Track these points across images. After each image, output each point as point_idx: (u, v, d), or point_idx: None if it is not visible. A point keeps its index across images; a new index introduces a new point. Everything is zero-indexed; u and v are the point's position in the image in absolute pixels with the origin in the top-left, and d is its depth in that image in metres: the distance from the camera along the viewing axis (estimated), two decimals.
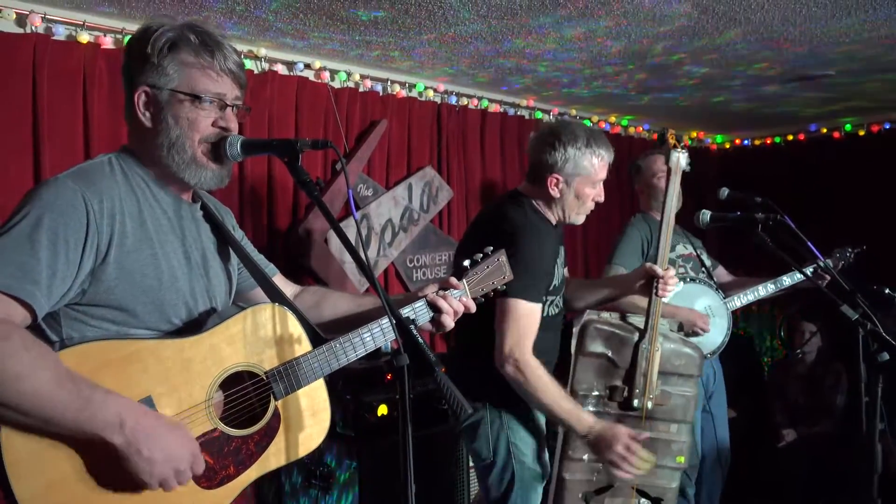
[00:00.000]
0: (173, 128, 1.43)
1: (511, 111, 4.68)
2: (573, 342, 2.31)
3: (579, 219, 2.36)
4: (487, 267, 1.75)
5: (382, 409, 3.11)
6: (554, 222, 2.35)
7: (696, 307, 3.10)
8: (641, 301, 2.45)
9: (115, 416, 1.25)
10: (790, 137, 5.94)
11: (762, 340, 6.09)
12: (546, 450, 2.34)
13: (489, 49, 3.57)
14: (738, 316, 6.10)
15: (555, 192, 2.28)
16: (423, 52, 3.62)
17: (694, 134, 6.24)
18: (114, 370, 1.32)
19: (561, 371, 2.34)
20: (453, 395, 1.40)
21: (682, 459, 2.40)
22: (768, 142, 6.08)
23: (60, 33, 2.82)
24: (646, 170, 3.37)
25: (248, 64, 3.38)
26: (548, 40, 3.43)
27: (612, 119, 5.47)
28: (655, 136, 5.76)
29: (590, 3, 2.92)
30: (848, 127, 5.58)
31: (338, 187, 3.62)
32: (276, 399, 1.47)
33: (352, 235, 3.49)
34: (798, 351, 4.52)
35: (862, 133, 5.51)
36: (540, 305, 2.19)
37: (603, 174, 2.31)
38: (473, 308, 1.69)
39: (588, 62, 3.85)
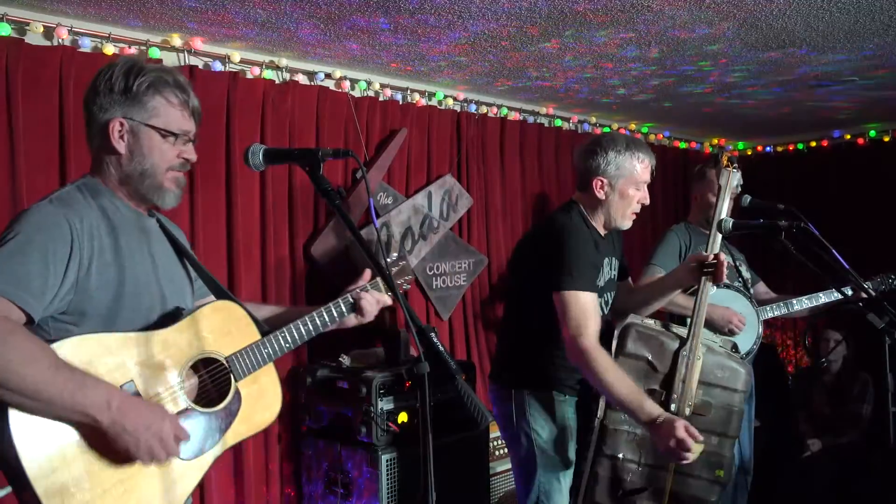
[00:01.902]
0: (147, 157, 1.61)
1: (530, 119, 4.69)
2: (614, 343, 2.35)
3: (625, 222, 2.47)
4: (394, 270, 2.09)
5: (403, 417, 3.11)
6: (602, 231, 2.47)
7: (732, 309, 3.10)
8: (688, 302, 2.52)
9: (104, 398, 1.43)
10: (813, 144, 5.87)
11: (785, 348, 6.01)
12: (573, 441, 2.40)
13: (509, 57, 3.57)
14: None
15: (600, 195, 2.42)
16: (443, 61, 3.64)
17: (715, 141, 6.20)
18: (100, 360, 1.50)
19: None
20: (473, 403, 1.39)
21: (721, 473, 2.37)
22: (791, 149, 6.02)
23: (86, 45, 2.87)
24: (711, 180, 3.22)
25: (270, 74, 3.42)
26: (568, 48, 3.43)
27: (633, 126, 5.46)
28: (677, 142, 5.74)
29: (610, 11, 2.92)
30: (873, 133, 5.51)
31: (358, 195, 3.64)
32: (236, 381, 1.69)
33: (372, 243, 3.51)
34: (823, 360, 4.45)
35: (887, 139, 5.44)
36: (595, 294, 2.31)
37: (646, 176, 2.46)
38: (388, 300, 1.96)
39: (608, 70, 3.84)
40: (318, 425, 3.31)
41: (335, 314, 1.89)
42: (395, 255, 2.11)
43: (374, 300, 1.94)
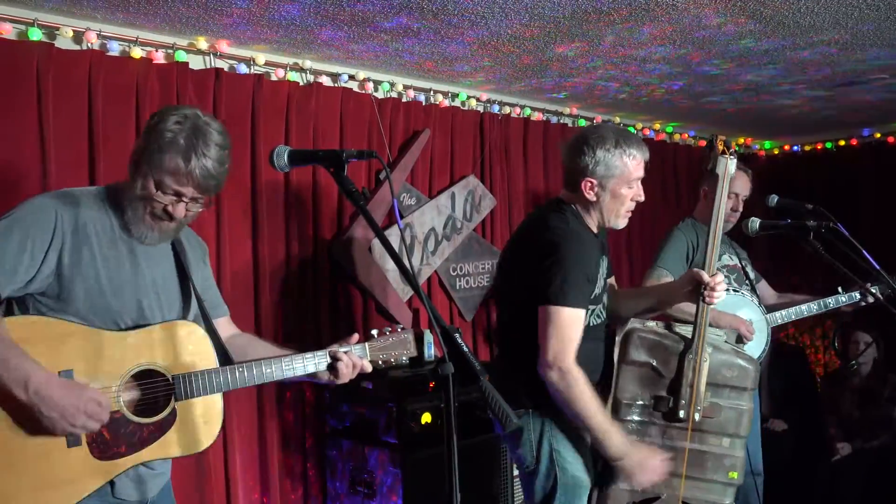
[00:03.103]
0: (136, 188, 1.72)
1: (554, 119, 4.67)
2: (616, 350, 2.28)
3: (620, 222, 2.33)
4: (391, 339, 1.99)
5: (426, 418, 3.12)
6: (595, 230, 2.34)
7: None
8: (690, 308, 2.41)
9: (23, 376, 1.53)
10: (842, 143, 5.78)
11: (814, 351, 5.93)
12: (591, 457, 2.31)
13: (532, 58, 3.57)
14: (789, 324, 5.96)
15: (591, 196, 2.27)
16: (466, 62, 3.64)
17: (741, 140, 6.13)
18: (48, 342, 1.62)
19: (606, 383, 2.31)
20: (498, 405, 1.39)
21: (734, 475, 2.33)
22: (819, 147, 5.94)
23: (114, 49, 2.92)
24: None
25: (294, 76, 3.44)
26: (592, 47, 3.41)
27: (657, 126, 5.41)
28: (703, 142, 5.69)
29: (634, 11, 2.90)
30: None
31: (382, 196, 3.65)
32: (176, 399, 1.73)
33: (395, 244, 3.52)
34: (853, 362, 4.38)
35: None
36: (584, 312, 2.18)
37: (639, 173, 2.28)
38: (369, 368, 1.93)
39: (632, 69, 3.82)
40: (342, 425, 3.33)
41: (306, 366, 1.86)
42: (401, 326, 2.04)
43: (352, 364, 1.89)
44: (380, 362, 1.98)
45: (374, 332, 1.99)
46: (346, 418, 3.30)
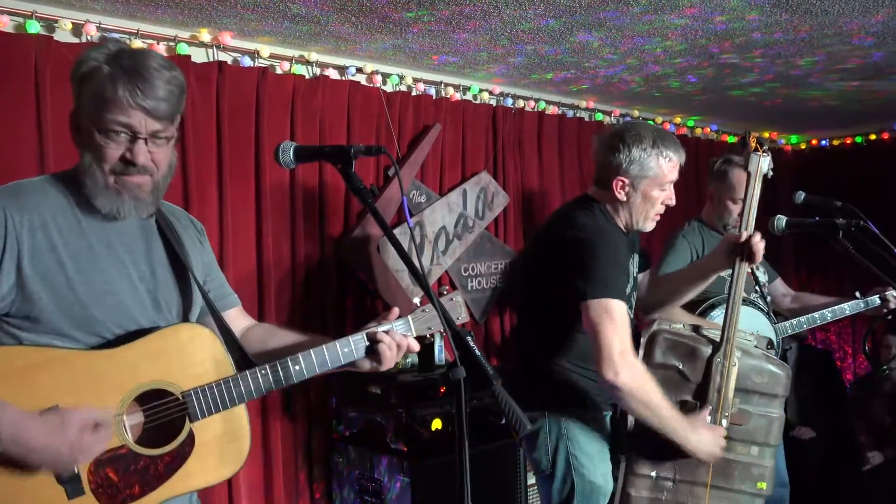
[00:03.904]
0: (85, 155, 1.48)
1: (570, 113, 4.65)
2: (640, 352, 2.25)
3: (648, 224, 2.33)
4: (425, 314, 1.75)
5: (437, 424, 3.11)
6: (624, 229, 2.34)
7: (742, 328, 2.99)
8: (683, 316, 2.42)
9: None
10: (872, 137, 5.73)
11: (844, 355, 5.88)
12: (609, 462, 2.30)
13: (547, 49, 3.55)
14: (816, 327, 5.90)
15: (621, 196, 2.27)
16: (478, 54, 3.63)
17: (766, 134, 6.08)
18: (17, 378, 1.37)
19: None
20: (512, 410, 1.38)
21: (763, 485, 2.31)
22: (848, 142, 5.88)
23: None
24: (731, 184, 3.08)
25: (300, 69, 3.45)
26: (609, 38, 3.40)
27: (678, 120, 5.39)
28: (725, 136, 5.66)
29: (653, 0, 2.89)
30: None
31: (390, 194, 3.65)
32: (191, 421, 1.49)
33: (405, 243, 3.51)
34: (884, 367, 4.34)
35: None
36: (625, 304, 2.17)
37: (673, 176, 2.29)
38: (416, 347, 1.70)
39: (652, 60, 3.79)
40: (349, 432, 3.33)
41: (340, 356, 1.61)
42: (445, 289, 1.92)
43: (395, 344, 1.64)
44: (428, 335, 1.75)
45: (417, 300, 1.85)
46: (353, 424, 3.30)
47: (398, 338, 1.65)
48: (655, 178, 2.25)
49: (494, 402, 1.39)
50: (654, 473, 2.24)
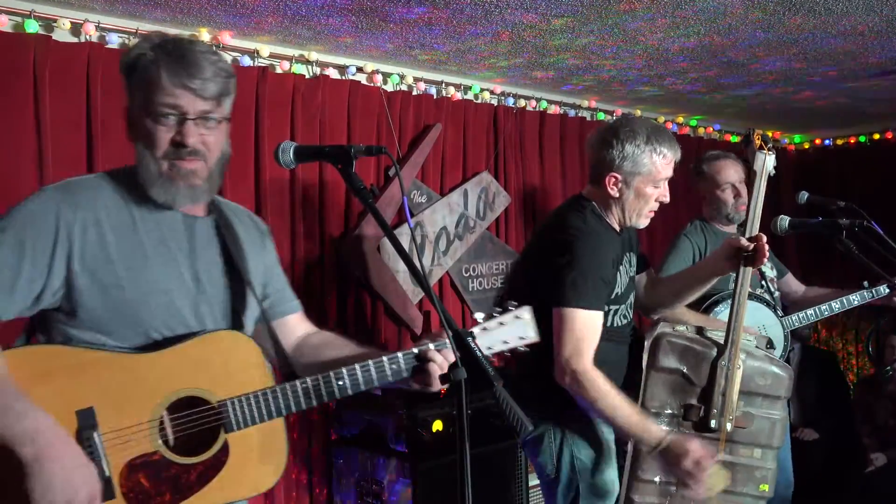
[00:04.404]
0: (138, 145, 1.50)
1: (572, 112, 4.66)
2: (644, 356, 2.26)
3: (641, 221, 2.32)
4: (503, 323, 1.66)
5: (437, 425, 3.12)
6: (617, 228, 2.33)
7: (746, 324, 2.99)
8: (688, 316, 2.41)
9: (31, 429, 1.30)
10: (876, 136, 5.74)
11: (847, 356, 5.89)
12: (615, 467, 2.31)
13: (548, 48, 3.56)
14: (819, 328, 5.91)
15: (613, 192, 2.26)
16: (479, 53, 3.64)
17: (769, 134, 6.09)
18: (56, 377, 1.38)
19: (629, 387, 2.30)
20: (513, 412, 1.39)
21: (766, 487, 2.31)
22: (852, 141, 5.89)
23: (114, 42, 2.94)
24: (710, 176, 3.15)
25: (300, 68, 3.46)
26: (611, 37, 3.41)
27: (680, 119, 5.39)
28: (728, 135, 5.66)
29: None
30: None
31: (391, 194, 3.66)
32: (226, 431, 1.48)
33: (405, 243, 3.52)
34: (888, 368, 4.34)
35: None
36: (600, 313, 2.18)
37: (667, 173, 2.27)
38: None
39: (654, 59, 3.80)
40: (350, 433, 3.34)
41: (386, 373, 1.55)
42: (514, 303, 1.68)
43: (447, 364, 1.52)
44: (491, 355, 1.64)
45: (479, 315, 1.66)
46: (353, 426, 3.31)
47: (450, 356, 1.52)
48: (649, 174, 2.24)
49: (496, 403, 1.40)
50: (658, 479, 2.24)
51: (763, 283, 3.15)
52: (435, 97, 3.96)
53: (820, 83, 4.38)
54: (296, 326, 1.78)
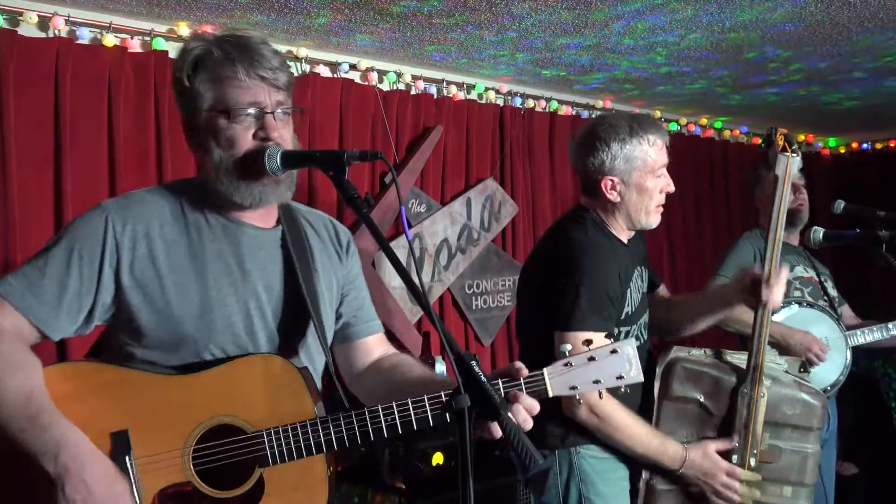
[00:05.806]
0: (215, 149, 1.52)
1: (584, 113, 4.67)
2: (656, 384, 2.24)
3: (652, 220, 2.30)
4: (593, 358, 1.54)
5: (437, 458, 3.11)
6: (624, 238, 2.32)
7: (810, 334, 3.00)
8: (748, 315, 2.39)
9: (54, 445, 1.36)
10: None
11: (890, 382, 5.86)
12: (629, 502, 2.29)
13: (559, 44, 3.57)
14: (859, 353, 5.89)
15: (614, 197, 2.25)
16: (484, 49, 3.65)
17: (802, 137, 6.10)
18: (93, 395, 1.44)
19: (644, 414, 2.29)
20: (522, 443, 1.38)
21: None
22: (892, 145, 5.90)
23: (85, 37, 2.95)
24: (768, 182, 3.08)
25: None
26: (626, 32, 3.42)
27: (704, 121, 5.41)
28: (756, 139, 5.67)
29: None
30: None
31: (387, 203, 3.66)
32: (260, 466, 1.47)
33: (403, 257, 3.52)
34: None
35: None
36: (599, 332, 2.13)
37: (662, 159, 2.26)
38: (536, 409, 1.49)
39: (674, 56, 3.81)
40: (343, 466, 3.32)
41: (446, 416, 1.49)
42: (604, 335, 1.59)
43: (522, 410, 1.48)
44: (577, 396, 1.57)
45: (566, 347, 1.55)
46: (345, 458, 3.30)
47: (527, 403, 1.48)
48: (644, 166, 2.23)
49: (503, 434, 1.39)
50: None
51: (825, 295, 3.15)
52: (435, 97, 3.97)
53: (857, 82, 4.39)
54: (372, 348, 1.80)
